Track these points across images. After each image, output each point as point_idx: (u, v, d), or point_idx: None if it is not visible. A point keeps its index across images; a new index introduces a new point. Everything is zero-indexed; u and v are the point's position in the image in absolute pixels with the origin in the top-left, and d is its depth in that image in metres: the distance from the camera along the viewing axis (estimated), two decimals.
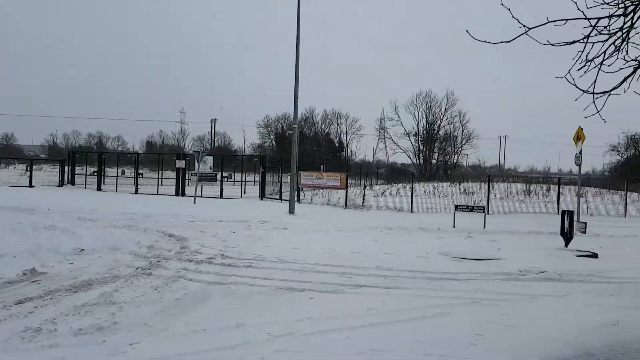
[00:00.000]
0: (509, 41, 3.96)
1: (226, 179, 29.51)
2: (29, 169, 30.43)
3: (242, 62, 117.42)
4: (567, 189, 28.73)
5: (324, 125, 69.22)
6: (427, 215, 18.48)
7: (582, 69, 3.99)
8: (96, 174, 28.53)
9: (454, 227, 14.48)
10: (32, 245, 9.26)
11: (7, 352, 4.31)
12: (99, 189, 27.24)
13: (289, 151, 19.46)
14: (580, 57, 3.97)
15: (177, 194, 25.00)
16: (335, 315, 5.51)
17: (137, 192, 25.94)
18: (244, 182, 29.66)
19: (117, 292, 6.27)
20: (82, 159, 32.02)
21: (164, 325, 5.11)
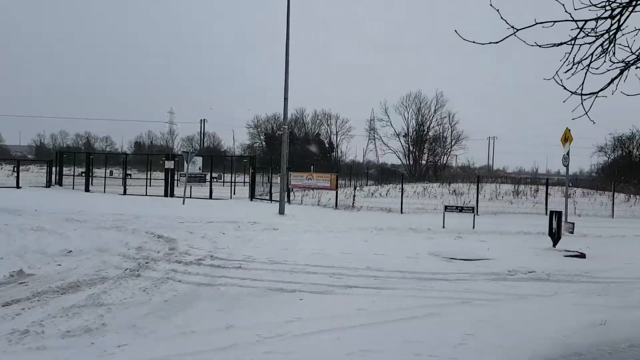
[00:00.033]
0: (496, 42, 3.97)
1: (216, 180, 29.34)
2: (16, 169, 30.04)
3: (242, 62, 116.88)
4: (555, 189, 28.91)
5: (314, 125, 69.17)
6: (417, 215, 18.56)
7: (569, 71, 4.02)
8: (84, 174, 28.31)
9: (444, 227, 14.56)
10: (19, 246, 9.15)
11: None
12: (87, 189, 27.02)
13: (279, 152, 19.45)
14: (567, 58, 4.00)
15: (166, 195, 24.85)
16: (325, 316, 5.52)
17: (125, 193, 25.74)
18: (233, 183, 29.52)
19: (105, 294, 6.21)
20: (70, 159, 31.77)
21: (152, 327, 5.07)
